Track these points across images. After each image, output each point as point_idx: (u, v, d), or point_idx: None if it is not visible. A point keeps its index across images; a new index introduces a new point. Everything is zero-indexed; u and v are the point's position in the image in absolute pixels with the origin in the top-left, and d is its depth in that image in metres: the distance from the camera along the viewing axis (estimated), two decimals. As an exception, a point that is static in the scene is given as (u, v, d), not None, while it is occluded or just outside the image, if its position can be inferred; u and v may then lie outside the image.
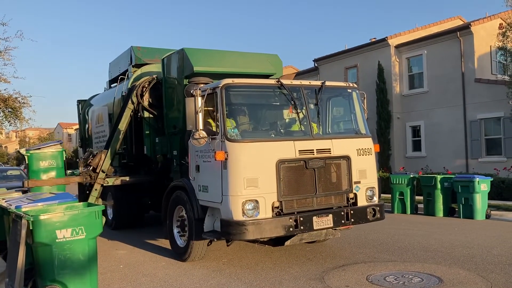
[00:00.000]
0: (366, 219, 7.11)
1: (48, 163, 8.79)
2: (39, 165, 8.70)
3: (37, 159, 8.73)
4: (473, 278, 6.16)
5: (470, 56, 20.30)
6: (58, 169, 8.95)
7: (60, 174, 8.97)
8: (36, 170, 8.67)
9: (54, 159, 8.86)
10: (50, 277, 5.32)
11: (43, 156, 8.79)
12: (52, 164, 8.82)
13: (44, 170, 8.74)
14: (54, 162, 8.86)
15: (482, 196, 11.69)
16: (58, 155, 8.98)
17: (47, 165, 8.77)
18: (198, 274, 6.74)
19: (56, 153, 8.95)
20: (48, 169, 8.78)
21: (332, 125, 7.84)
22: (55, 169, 8.88)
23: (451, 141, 20.74)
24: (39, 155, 8.75)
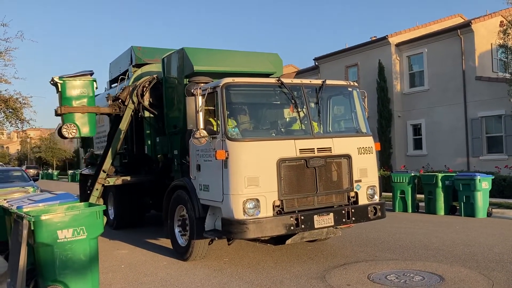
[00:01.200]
0: (367, 217, 7.11)
1: (80, 91, 8.89)
2: (71, 93, 8.80)
3: (70, 87, 8.81)
4: (475, 276, 6.16)
5: (470, 54, 20.28)
6: (89, 98, 9.02)
7: (91, 103, 9.05)
8: (68, 97, 8.76)
9: (85, 88, 8.94)
10: (52, 277, 5.33)
11: (75, 84, 8.87)
12: (84, 92, 8.91)
13: (76, 98, 8.84)
14: (85, 90, 8.94)
15: (483, 194, 11.67)
16: (89, 84, 9.05)
17: (79, 93, 8.87)
18: (200, 274, 6.74)
19: (88, 82, 9.03)
20: (80, 96, 8.88)
21: (332, 124, 7.83)
22: (86, 97, 8.95)
23: (452, 139, 20.72)
24: (71, 83, 8.84)
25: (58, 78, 8.75)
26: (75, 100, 8.83)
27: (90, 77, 9.12)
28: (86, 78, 9.03)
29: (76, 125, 8.78)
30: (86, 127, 8.94)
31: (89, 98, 9.00)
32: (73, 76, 8.92)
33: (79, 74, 9.02)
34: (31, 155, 71.58)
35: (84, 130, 8.91)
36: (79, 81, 8.92)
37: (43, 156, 62.69)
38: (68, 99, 8.77)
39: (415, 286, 5.76)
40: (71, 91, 8.82)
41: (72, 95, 8.82)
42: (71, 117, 8.80)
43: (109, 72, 13.16)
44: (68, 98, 8.77)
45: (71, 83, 8.83)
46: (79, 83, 8.91)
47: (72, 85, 8.84)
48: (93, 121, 9.18)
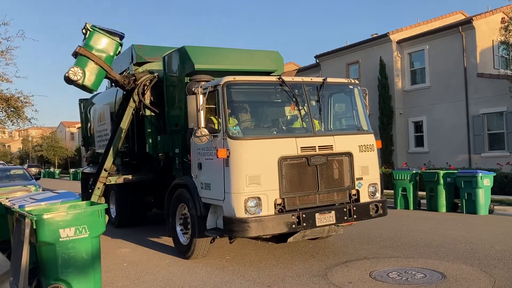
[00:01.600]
0: (368, 215, 7.11)
1: (103, 47, 8.99)
2: (95, 44, 8.92)
3: (97, 38, 8.94)
4: (476, 273, 6.16)
5: (472, 51, 20.23)
6: (108, 57, 9.11)
7: (108, 61, 9.15)
8: (90, 45, 8.89)
9: (109, 46, 9.07)
10: (54, 276, 5.35)
11: (102, 39, 9.01)
12: (106, 50, 9.03)
13: (97, 50, 8.96)
14: (109, 48, 9.07)
15: (485, 191, 11.67)
16: (115, 46, 9.15)
17: (101, 48, 8.98)
18: (202, 272, 6.76)
19: (115, 43, 9.15)
20: (101, 50, 8.99)
21: (334, 122, 7.83)
22: (106, 54, 9.05)
23: (454, 137, 20.70)
24: (99, 36, 8.97)
25: (90, 26, 8.88)
26: (95, 50, 8.91)
27: (119, 40, 9.23)
28: (115, 38, 9.15)
29: (84, 72, 8.78)
30: (92, 78, 8.90)
31: (108, 56, 9.07)
32: (105, 31, 9.04)
33: (112, 31, 9.13)
34: (32, 154, 71.70)
35: (88, 80, 8.86)
36: (107, 38, 9.03)
37: (44, 155, 62.78)
38: (90, 47, 8.87)
39: (417, 283, 5.76)
40: (96, 42, 8.92)
41: (95, 46, 8.92)
42: (83, 62, 8.81)
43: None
44: (89, 46, 8.87)
45: (99, 35, 8.93)
46: (106, 40, 9.02)
47: (99, 38, 8.94)
48: (100, 78, 9.14)
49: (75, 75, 8.68)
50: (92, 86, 9.05)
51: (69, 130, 73.83)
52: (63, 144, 63.32)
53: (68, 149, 62.34)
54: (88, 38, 8.87)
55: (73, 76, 8.68)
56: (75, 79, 8.72)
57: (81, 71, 8.72)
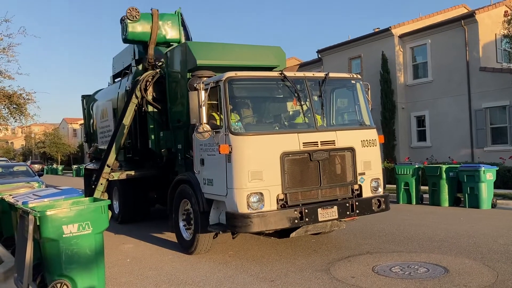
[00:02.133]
0: (371, 210, 7.12)
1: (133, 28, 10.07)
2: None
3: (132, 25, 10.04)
4: (479, 267, 6.16)
5: (474, 45, 20.14)
6: None
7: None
8: None
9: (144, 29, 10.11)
10: (58, 272, 5.37)
11: (137, 23, 10.04)
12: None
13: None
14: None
15: (487, 185, 11.65)
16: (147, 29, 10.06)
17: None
18: (205, 267, 6.78)
19: (145, 31, 10.06)
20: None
21: (336, 117, 7.82)
22: None
23: (456, 131, 20.65)
24: (134, 25, 10.04)
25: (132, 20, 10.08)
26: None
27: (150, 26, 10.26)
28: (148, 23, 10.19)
29: None
30: None
31: None
32: (138, 20, 10.08)
33: (141, 20, 10.15)
34: (35, 150, 71.90)
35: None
36: (138, 24, 10.16)
37: (47, 151, 62.94)
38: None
39: (420, 278, 5.77)
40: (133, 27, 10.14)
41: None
42: None
43: (112, 67, 13.16)
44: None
45: (133, 24, 10.10)
46: (137, 24, 10.17)
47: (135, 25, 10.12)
48: None
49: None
50: None
51: (71, 126, 73.91)
52: (65, 140, 63.41)
53: (70, 146, 62.44)
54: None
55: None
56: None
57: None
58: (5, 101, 19.62)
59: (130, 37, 10.19)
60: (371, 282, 5.69)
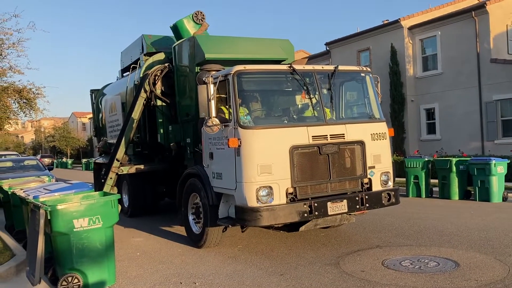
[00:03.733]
0: (381, 203, 7.08)
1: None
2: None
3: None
4: (490, 262, 6.11)
5: (485, 36, 19.88)
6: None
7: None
8: None
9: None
10: (69, 266, 5.42)
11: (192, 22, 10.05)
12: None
13: None
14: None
15: (498, 178, 11.55)
16: None
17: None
18: (214, 261, 6.80)
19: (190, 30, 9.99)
20: None
21: (345, 110, 7.77)
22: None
23: (466, 123, 20.46)
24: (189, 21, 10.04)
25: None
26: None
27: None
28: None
29: None
30: None
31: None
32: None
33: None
34: (45, 144, 72.50)
35: None
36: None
37: (57, 145, 63.45)
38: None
39: (430, 272, 5.74)
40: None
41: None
42: None
43: (120, 61, 13.17)
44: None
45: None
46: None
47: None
48: None
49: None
50: None
51: (80, 120, 74.37)
52: (75, 134, 63.85)
53: (80, 140, 62.86)
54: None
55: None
56: None
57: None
58: (15, 96, 19.74)
59: (178, 25, 10.36)
60: (381, 276, 5.66)
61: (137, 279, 6.11)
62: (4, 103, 19.39)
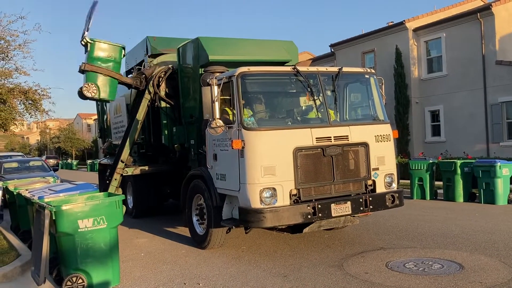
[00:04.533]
0: (385, 205, 7.07)
1: (107, 54, 9.01)
2: (99, 54, 8.92)
3: (98, 48, 8.95)
4: (495, 264, 6.09)
5: (491, 38, 19.80)
6: (115, 63, 9.14)
7: (116, 69, 9.17)
8: (95, 57, 8.87)
9: (113, 53, 9.07)
10: (74, 266, 5.45)
11: (104, 47, 9.02)
12: (111, 56, 9.03)
13: (103, 60, 8.95)
14: (113, 55, 9.07)
15: (503, 180, 11.49)
16: (118, 50, 9.16)
17: (106, 56, 9.00)
18: (218, 262, 6.81)
19: (117, 48, 9.16)
20: (106, 60, 8.99)
21: (349, 112, 7.77)
22: (113, 62, 9.07)
23: (471, 125, 20.37)
24: (100, 45, 8.99)
25: (88, 38, 8.89)
26: (101, 62, 8.89)
27: (120, 44, 9.26)
28: (116, 44, 9.16)
29: (97, 86, 8.80)
30: (106, 90, 8.95)
31: (115, 63, 9.08)
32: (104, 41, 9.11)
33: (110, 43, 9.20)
34: (50, 146, 72.80)
35: (103, 93, 8.93)
36: (108, 45, 9.02)
37: (62, 146, 63.71)
38: (95, 59, 8.85)
39: (434, 274, 5.72)
40: (98, 52, 8.90)
41: (99, 56, 8.91)
42: (93, 77, 8.83)
43: (125, 63, 13.22)
44: (94, 58, 8.85)
45: (100, 44, 8.94)
46: (108, 47, 9.01)
47: (101, 47, 8.94)
48: (114, 86, 9.18)
49: (89, 92, 8.78)
50: (109, 96, 9.17)
51: (85, 122, 74.65)
52: (80, 135, 64.10)
53: (85, 141, 63.10)
54: (90, 51, 8.85)
55: (88, 93, 8.78)
56: (90, 95, 8.82)
57: (94, 87, 8.76)
58: (21, 97, 19.88)
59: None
60: (385, 278, 5.66)
61: (141, 279, 6.12)
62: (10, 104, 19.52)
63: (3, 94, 18.58)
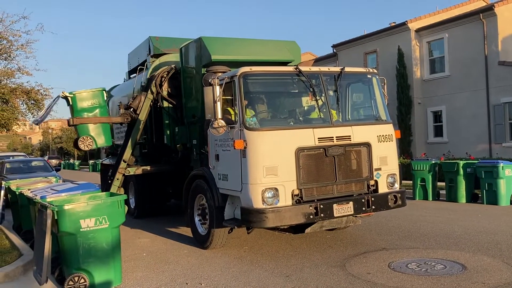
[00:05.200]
0: (387, 206, 7.05)
1: (91, 103, 9.00)
2: (82, 105, 8.91)
3: (80, 99, 8.94)
4: (498, 265, 6.07)
5: (493, 39, 19.77)
6: (101, 108, 9.14)
7: (104, 113, 9.18)
8: (80, 109, 8.87)
9: (96, 98, 9.06)
10: (76, 266, 5.45)
11: (85, 96, 9.01)
12: (95, 103, 9.02)
13: (88, 110, 8.94)
14: (96, 101, 9.05)
15: (506, 181, 11.45)
16: (100, 94, 9.16)
17: (90, 104, 8.98)
18: (220, 262, 6.80)
19: (98, 92, 9.16)
20: (91, 108, 8.99)
21: (352, 112, 7.75)
22: (98, 107, 9.07)
23: (474, 126, 20.33)
24: (81, 95, 8.98)
25: (68, 93, 8.89)
26: (87, 112, 8.90)
27: (101, 88, 9.27)
28: (96, 89, 9.15)
29: (92, 136, 8.89)
30: (101, 137, 9.05)
31: (101, 108, 9.08)
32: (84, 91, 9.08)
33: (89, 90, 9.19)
34: (52, 146, 72.94)
35: (99, 140, 9.03)
36: (89, 93, 9.01)
37: (64, 146, 63.83)
38: (80, 112, 8.86)
39: (437, 274, 5.71)
40: (82, 103, 8.91)
41: (84, 107, 8.90)
42: (85, 128, 8.89)
43: (128, 63, 13.25)
44: (79, 111, 8.86)
45: (81, 95, 8.94)
46: (88, 94, 9.00)
47: (82, 98, 8.93)
48: (107, 130, 9.30)
49: (85, 145, 8.89)
50: (106, 142, 9.27)
51: (88, 122, 74.73)
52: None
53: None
54: (73, 104, 8.86)
55: (85, 147, 8.91)
56: (87, 148, 8.97)
57: (89, 139, 8.85)
58: (24, 97, 19.93)
59: None
60: (387, 279, 5.64)
61: (143, 279, 6.12)
62: (13, 104, 19.57)
63: (6, 94, 18.63)
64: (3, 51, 18.88)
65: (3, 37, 18.54)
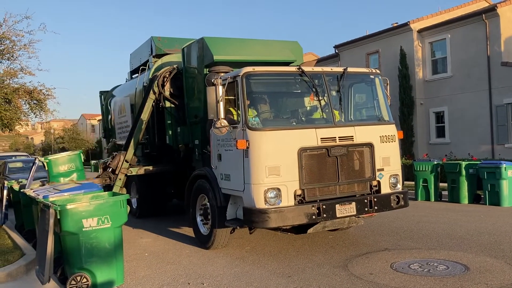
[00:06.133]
0: (389, 206, 7.04)
1: (68, 167, 8.99)
2: (58, 170, 8.90)
3: (56, 164, 8.93)
4: (501, 266, 6.05)
5: (496, 39, 19.73)
6: (78, 171, 9.11)
7: (81, 176, 9.13)
8: (56, 174, 8.85)
9: (72, 162, 9.06)
10: (78, 265, 5.46)
11: (61, 160, 8.99)
12: (71, 167, 9.02)
13: (64, 174, 8.90)
14: (73, 165, 9.05)
15: (509, 182, 11.42)
16: (76, 158, 9.17)
17: (67, 169, 8.96)
18: (222, 262, 6.80)
19: (74, 156, 9.17)
20: (68, 172, 8.96)
21: (354, 112, 7.75)
22: (75, 171, 9.04)
23: (476, 127, 20.29)
24: (57, 160, 8.99)
25: (43, 159, 8.96)
26: (63, 177, 8.85)
27: (77, 151, 9.29)
28: (72, 153, 9.19)
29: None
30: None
31: (78, 172, 9.07)
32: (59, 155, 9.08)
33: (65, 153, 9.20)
34: (55, 146, 73.04)
35: None
36: (64, 157, 9.04)
37: (66, 147, 63.86)
38: (56, 177, 8.82)
39: (439, 275, 5.69)
40: (58, 168, 8.90)
41: (60, 171, 8.88)
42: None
43: (130, 63, 13.26)
44: (55, 176, 8.83)
45: (57, 160, 8.97)
46: (65, 158, 9.02)
47: (58, 162, 8.93)
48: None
49: None
50: None
51: (90, 122, 74.85)
52: (84, 136, 64.31)
53: (89, 141, 63.29)
54: (49, 169, 8.86)
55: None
56: None
57: None
58: (26, 97, 19.93)
59: None
60: (390, 279, 5.63)
61: (145, 279, 6.12)
62: (15, 104, 19.58)
63: (8, 94, 18.64)
64: (6, 51, 18.89)
65: (6, 37, 18.56)
